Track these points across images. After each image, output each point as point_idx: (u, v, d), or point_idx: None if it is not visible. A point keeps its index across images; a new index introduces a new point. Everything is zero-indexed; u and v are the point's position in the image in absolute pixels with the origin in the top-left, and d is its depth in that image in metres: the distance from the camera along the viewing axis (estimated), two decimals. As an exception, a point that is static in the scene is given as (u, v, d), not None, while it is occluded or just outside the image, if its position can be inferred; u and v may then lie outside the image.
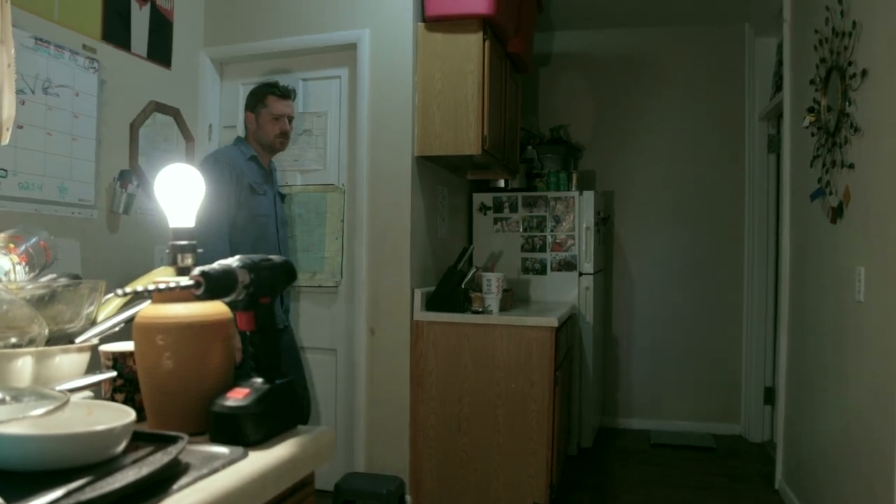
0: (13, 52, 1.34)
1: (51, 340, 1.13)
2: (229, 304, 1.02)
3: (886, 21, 2.28)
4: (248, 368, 1.03)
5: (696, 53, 4.92)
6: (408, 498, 3.31)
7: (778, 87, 4.14)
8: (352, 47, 3.42)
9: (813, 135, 3.03)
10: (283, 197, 3.17)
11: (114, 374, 1.13)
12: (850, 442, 2.56)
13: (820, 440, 2.96)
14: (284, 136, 2.99)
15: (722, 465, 4.19)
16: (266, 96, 2.95)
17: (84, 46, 2.82)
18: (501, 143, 3.76)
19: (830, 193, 2.82)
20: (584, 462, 4.20)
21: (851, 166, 2.56)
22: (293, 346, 3.19)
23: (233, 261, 0.98)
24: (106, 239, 2.96)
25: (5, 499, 0.66)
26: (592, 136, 5.07)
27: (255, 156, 2.96)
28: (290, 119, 3.01)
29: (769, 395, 4.58)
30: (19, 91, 2.49)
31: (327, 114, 3.52)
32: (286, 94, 2.99)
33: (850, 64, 2.57)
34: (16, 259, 1.29)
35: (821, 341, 3.00)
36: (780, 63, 4.05)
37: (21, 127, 2.51)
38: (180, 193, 1.06)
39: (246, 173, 2.88)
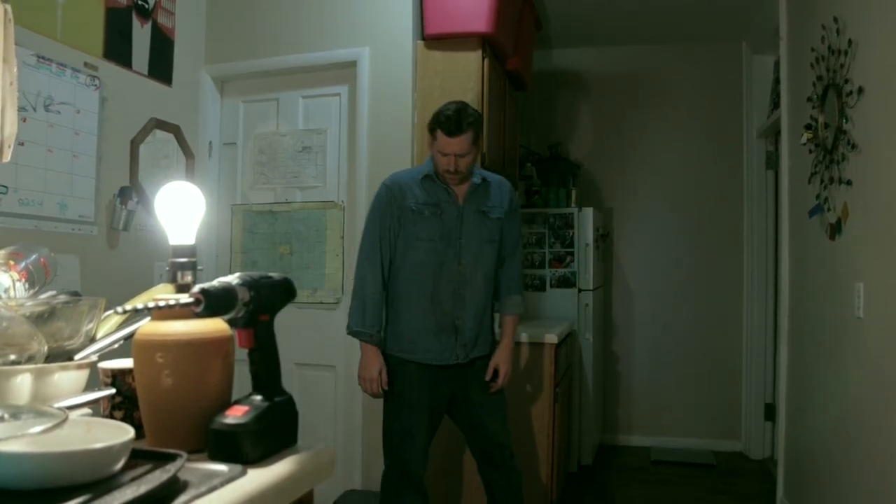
0: (16, 70, 1.35)
1: (50, 357, 1.12)
2: (229, 322, 1.03)
3: (882, 39, 2.30)
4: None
5: (693, 71, 4.96)
6: (407, 516, 3.28)
7: (775, 104, 4.17)
8: (352, 65, 3.44)
9: (811, 152, 3.05)
10: (484, 214, 2.64)
11: (113, 391, 1.12)
12: (851, 458, 2.55)
13: (822, 457, 2.95)
14: (454, 174, 2.55)
15: (723, 482, 4.16)
16: (435, 129, 2.53)
17: (85, 64, 2.84)
18: (501, 161, 3.77)
19: (829, 210, 2.83)
20: (585, 479, 4.18)
21: (849, 183, 2.57)
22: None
23: (232, 278, 0.98)
24: (106, 255, 2.96)
25: (3, 517, 0.65)
26: (591, 153, 5.09)
27: (429, 175, 2.60)
28: (463, 156, 2.52)
29: (770, 412, 4.56)
30: (21, 109, 2.50)
31: (327, 131, 3.53)
32: (454, 129, 2.48)
33: (846, 81, 2.58)
34: (16, 276, 1.29)
35: (821, 357, 2.99)
36: (777, 81, 4.07)
37: (22, 144, 2.52)
38: (180, 211, 1.07)
39: (409, 194, 2.59)
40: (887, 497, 2.14)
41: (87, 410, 1.13)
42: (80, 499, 0.73)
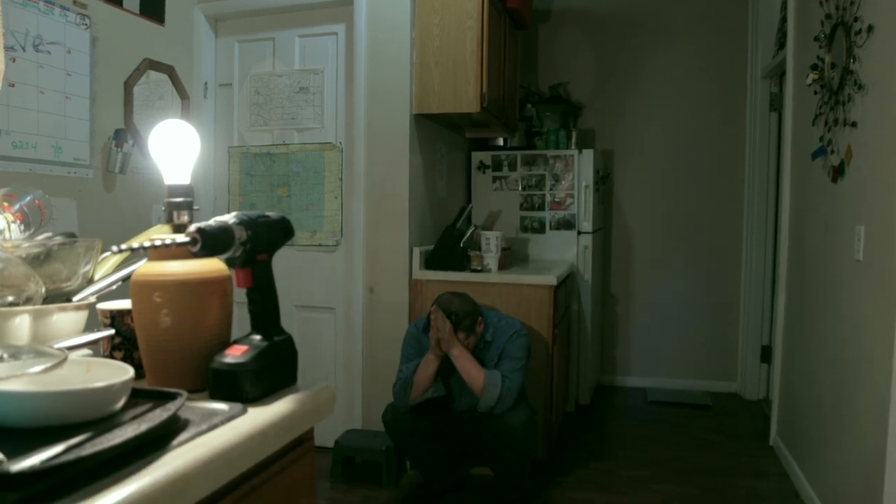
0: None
1: (48, 299, 1.12)
2: (226, 261, 1.02)
3: (894, -26, 2.23)
4: None
5: (698, 10, 4.84)
6: (407, 454, 3.35)
7: (781, 44, 4.08)
8: (348, 2, 3.35)
9: (816, 93, 3.00)
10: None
11: (112, 332, 1.12)
12: (845, 399, 2.59)
13: (815, 398, 2.99)
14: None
15: (718, 422, 4.23)
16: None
17: (75, 2, 2.77)
18: (500, 101, 3.72)
19: (832, 152, 2.80)
20: (582, 419, 4.25)
21: (854, 124, 2.54)
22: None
23: (229, 217, 0.97)
24: (103, 199, 2.94)
25: (5, 454, 0.66)
26: (592, 94, 5.02)
27: None
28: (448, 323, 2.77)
29: (766, 354, 4.61)
30: (9, 48, 2.45)
31: (324, 71, 3.47)
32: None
33: (855, 20, 2.52)
34: (10, 218, 1.27)
35: (818, 300, 3.01)
36: (783, 20, 3.98)
37: (13, 85, 2.48)
38: (175, 150, 1.05)
39: (425, 342, 2.89)
40: (878, 438, 2.17)
41: (87, 351, 1.13)
42: (82, 436, 0.74)
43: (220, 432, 0.85)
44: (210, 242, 0.92)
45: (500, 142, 4.50)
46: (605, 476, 3.36)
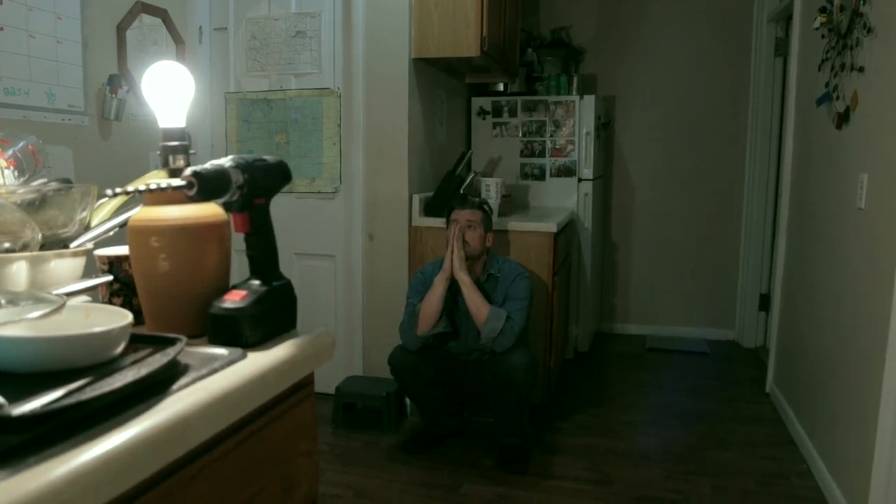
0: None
1: (45, 246, 1.11)
2: (224, 206, 1.00)
3: (908, -89, 2.16)
4: None
5: (704, -50, 4.71)
6: (407, 400, 3.39)
7: (789, -15, 3.99)
8: (345, -58, 3.26)
9: (823, 37, 2.94)
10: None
11: (110, 277, 1.12)
12: (841, 347, 2.60)
13: (812, 346, 3.01)
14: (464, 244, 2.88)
15: (715, 369, 4.28)
16: (452, 209, 2.98)
17: (64, -59, 2.68)
18: (501, 45, 3.65)
19: (837, 98, 2.76)
20: (581, 366, 4.29)
21: (861, 69, 2.49)
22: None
23: (225, 161, 0.96)
24: (99, 146, 2.90)
25: (6, 398, 0.66)
26: (594, 38, 4.92)
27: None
28: (472, 225, 2.89)
29: (764, 302, 4.63)
30: (-2, -11, 2.38)
31: (321, 14, 3.39)
32: (464, 202, 2.99)
33: (866, -41, 2.45)
34: (3, 163, 1.26)
35: (819, 248, 3.00)
36: (792, -41, 3.88)
37: (2, 29, 2.42)
38: (169, 91, 1.02)
39: (431, 281, 2.93)
40: (873, 388, 2.19)
41: (85, 298, 1.13)
42: (83, 381, 0.73)
43: (220, 377, 0.85)
44: (206, 186, 0.91)
45: (501, 87, 4.44)
46: (603, 422, 3.41)
